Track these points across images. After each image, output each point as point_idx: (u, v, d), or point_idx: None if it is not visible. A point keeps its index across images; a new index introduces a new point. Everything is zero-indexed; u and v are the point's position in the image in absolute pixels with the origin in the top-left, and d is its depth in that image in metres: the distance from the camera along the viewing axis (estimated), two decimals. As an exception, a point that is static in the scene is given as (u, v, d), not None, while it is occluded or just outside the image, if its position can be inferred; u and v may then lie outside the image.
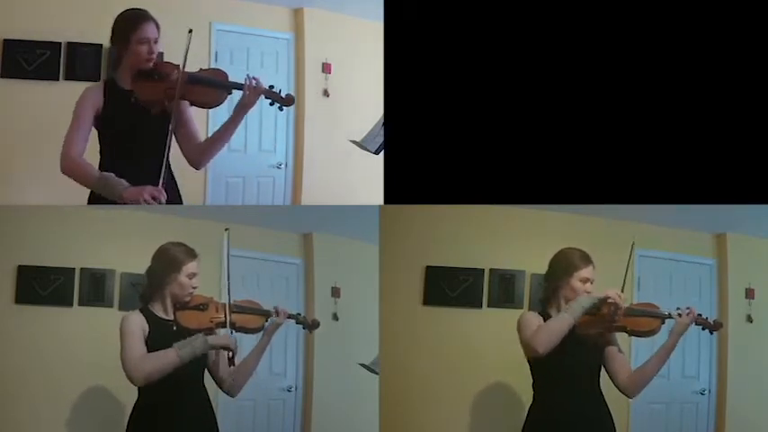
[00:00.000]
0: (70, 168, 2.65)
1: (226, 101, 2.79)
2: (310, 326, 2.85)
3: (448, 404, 4.02)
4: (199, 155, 2.85)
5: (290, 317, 2.73)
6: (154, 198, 2.59)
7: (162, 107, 2.70)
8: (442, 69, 3.02)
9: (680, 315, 2.64)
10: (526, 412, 2.74)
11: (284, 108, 2.87)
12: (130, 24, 2.65)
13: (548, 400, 2.62)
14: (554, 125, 3.01)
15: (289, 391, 4.64)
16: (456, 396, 4.03)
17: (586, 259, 2.69)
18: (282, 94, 2.84)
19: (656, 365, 2.62)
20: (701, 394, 4.61)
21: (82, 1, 4.17)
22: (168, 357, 2.34)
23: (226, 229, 2.65)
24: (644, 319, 2.67)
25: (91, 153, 2.74)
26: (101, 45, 4.18)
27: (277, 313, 2.68)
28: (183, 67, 2.69)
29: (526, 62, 3.00)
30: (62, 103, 4.02)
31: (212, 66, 4.34)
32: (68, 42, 4.11)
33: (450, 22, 3.02)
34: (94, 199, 2.75)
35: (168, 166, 2.72)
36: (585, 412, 2.58)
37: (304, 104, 5.17)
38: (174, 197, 2.84)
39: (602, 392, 2.67)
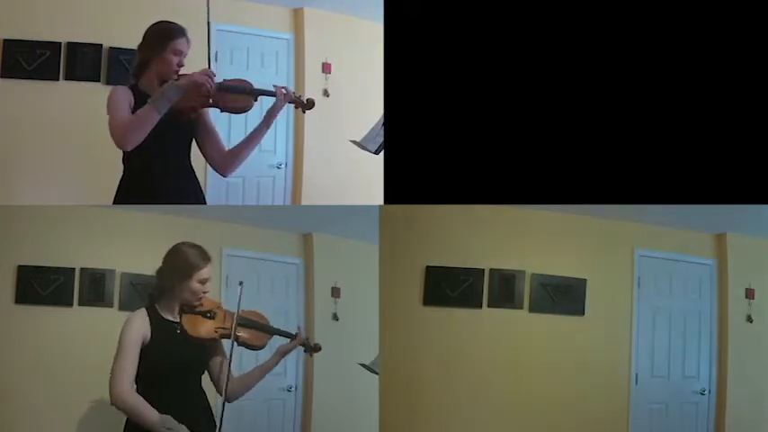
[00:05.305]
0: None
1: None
2: (312, 349, 2.82)
3: (447, 404, 4.03)
4: (230, 160, 2.92)
5: (302, 344, 2.73)
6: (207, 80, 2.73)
7: (189, 118, 2.81)
8: (441, 69, 3.02)
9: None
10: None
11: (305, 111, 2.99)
12: (169, 35, 2.76)
13: None
14: (554, 125, 3.01)
15: (289, 391, 4.64)
16: (455, 396, 4.03)
17: None
18: (303, 99, 2.94)
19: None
20: (701, 394, 4.60)
21: (82, 1, 4.17)
22: None
23: (240, 283, 2.65)
24: None
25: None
26: (101, 45, 4.17)
27: (295, 336, 2.69)
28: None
29: (526, 62, 2.99)
30: (62, 103, 4.08)
31: (212, 66, 4.34)
32: (68, 42, 4.11)
33: (450, 22, 3.01)
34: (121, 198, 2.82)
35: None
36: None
37: (304, 104, 5.17)
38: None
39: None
